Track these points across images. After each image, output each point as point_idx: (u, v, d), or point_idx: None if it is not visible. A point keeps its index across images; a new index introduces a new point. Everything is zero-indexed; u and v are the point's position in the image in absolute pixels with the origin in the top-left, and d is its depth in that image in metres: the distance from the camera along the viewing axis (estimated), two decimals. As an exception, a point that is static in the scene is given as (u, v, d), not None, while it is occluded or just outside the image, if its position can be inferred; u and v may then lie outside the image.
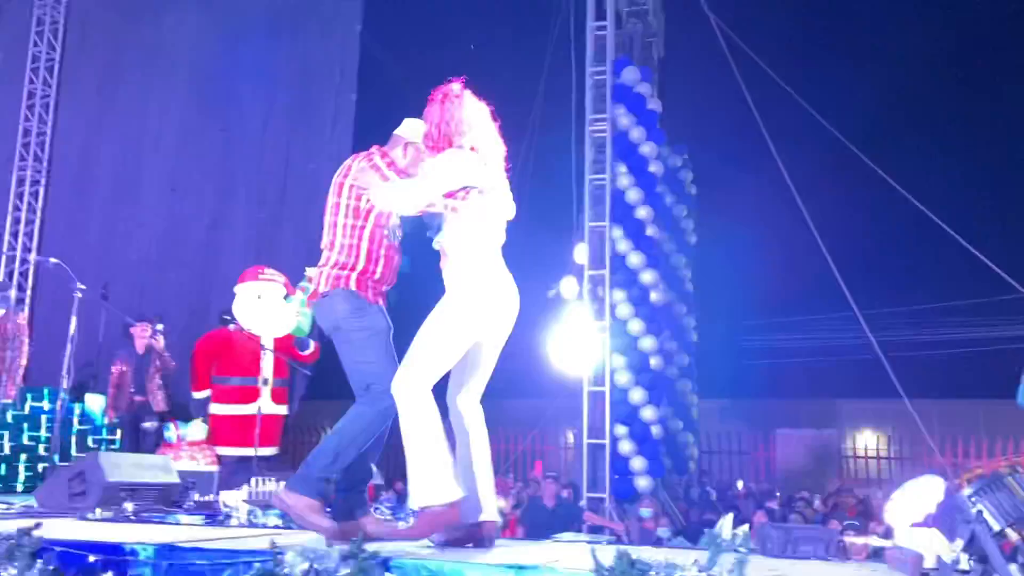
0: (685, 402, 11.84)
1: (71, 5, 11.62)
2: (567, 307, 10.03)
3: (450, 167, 3.13)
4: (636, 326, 9.45)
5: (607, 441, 9.19)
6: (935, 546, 2.33)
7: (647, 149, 9.80)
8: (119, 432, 7.93)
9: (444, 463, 2.97)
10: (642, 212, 9.68)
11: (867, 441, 16.29)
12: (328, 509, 3.23)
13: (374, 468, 3.89)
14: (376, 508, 4.20)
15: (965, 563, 2.26)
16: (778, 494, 11.57)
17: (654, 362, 9.51)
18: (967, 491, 2.17)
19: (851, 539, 2.87)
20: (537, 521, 8.05)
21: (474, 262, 3.14)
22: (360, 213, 3.33)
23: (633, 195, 9.70)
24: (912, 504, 2.73)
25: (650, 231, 9.74)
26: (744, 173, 13.22)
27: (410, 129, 3.48)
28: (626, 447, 9.17)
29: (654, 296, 9.62)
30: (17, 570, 2.54)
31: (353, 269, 3.31)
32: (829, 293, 9.75)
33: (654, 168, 9.84)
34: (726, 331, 16.37)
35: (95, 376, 8.47)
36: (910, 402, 9.32)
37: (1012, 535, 2.13)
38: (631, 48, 11.03)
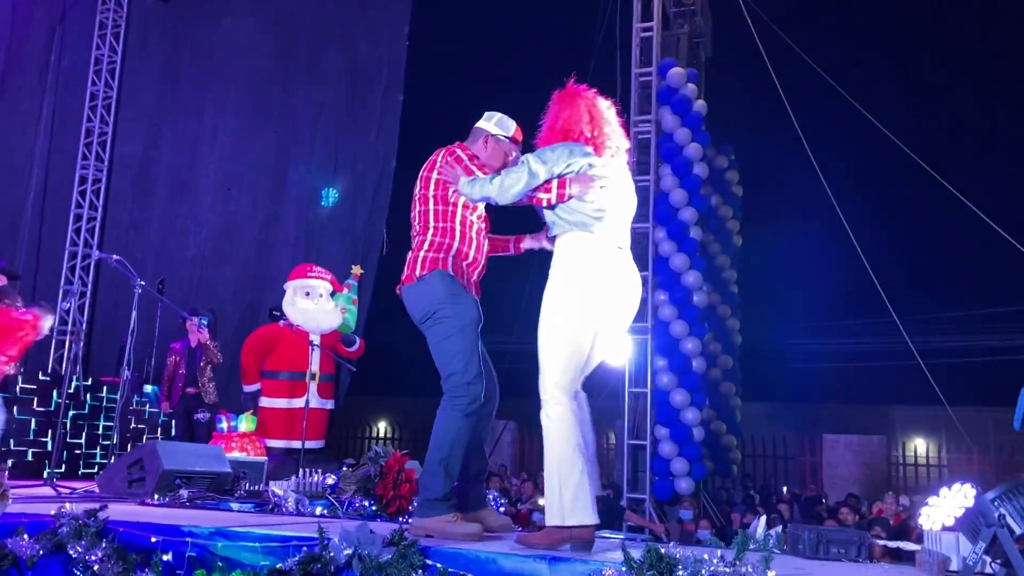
0: (729, 405, 11.78)
1: (132, 10, 12.00)
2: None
3: (536, 162, 3.10)
4: (679, 328, 9.45)
5: (648, 442, 9.22)
6: (961, 549, 2.36)
7: (692, 150, 9.78)
8: (172, 423, 8.20)
9: (579, 483, 2.89)
10: (686, 214, 9.67)
11: (919, 448, 15.96)
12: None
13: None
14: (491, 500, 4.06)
15: (988, 566, 2.29)
16: (824, 499, 11.44)
17: (696, 364, 9.50)
18: (990, 495, 2.20)
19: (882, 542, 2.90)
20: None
21: (576, 255, 3.07)
22: (448, 200, 3.37)
23: (677, 196, 9.70)
24: (944, 509, 2.76)
25: (694, 233, 9.73)
26: (792, 174, 13.08)
27: (490, 122, 3.54)
28: (667, 449, 9.18)
29: (697, 298, 9.61)
30: (84, 547, 2.72)
31: (448, 251, 3.33)
32: (879, 296, 9.63)
33: (699, 170, 9.82)
34: (774, 334, 16.21)
35: (150, 369, 8.77)
36: (966, 409, 9.17)
37: (1035, 539, 2.16)
38: (677, 49, 11.01)
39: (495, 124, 3.52)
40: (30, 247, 11.08)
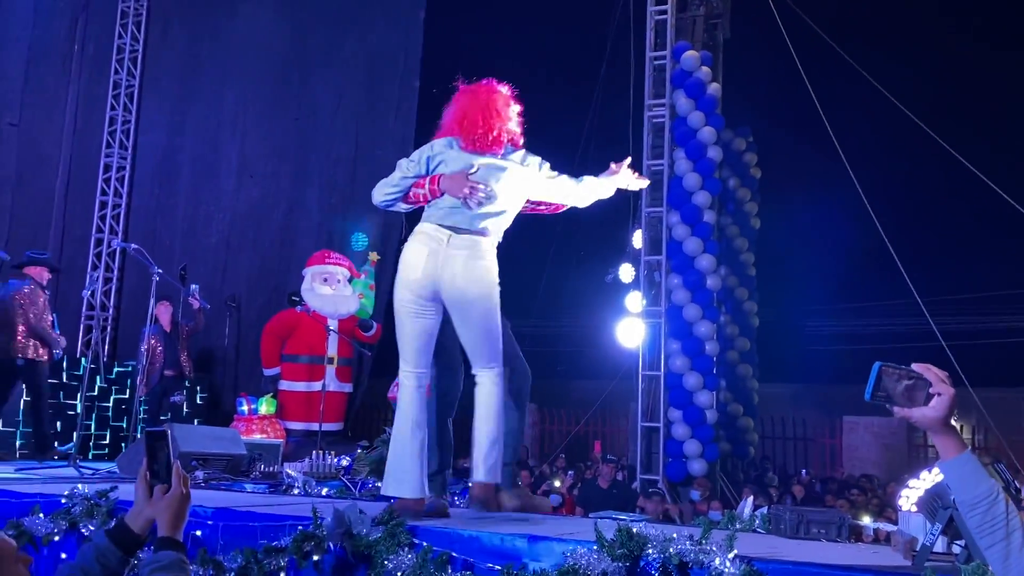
0: (746, 387, 11.82)
1: (153, -1, 12.19)
2: (625, 292, 10.15)
3: (403, 163, 3.38)
4: (692, 311, 9.49)
5: (661, 424, 9.30)
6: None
7: (706, 134, 9.77)
8: (143, 405, 7.90)
9: (413, 458, 3.13)
10: (700, 197, 9.67)
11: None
12: None
13: None
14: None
15: (944, 546, 2.36)
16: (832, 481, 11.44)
17: (709, 347, 9.55)
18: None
19: (862, 522, 2.98)
20: (592, 502, 8.23)
21: (408, 244, 3.37)
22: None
23: (691, 180, 9.70)
24: (920, 491, 2.82)
25: (708, 216, 9.74)
26: (811, 155, 12.98)
27: None
28: (680, 431, 9.26)
29: (710, 281, 9.64)
30: (95, 526, 2.88)
31: None
32: (901, 277, 9.56)
33: (712, 153, 9.81)
34: (793, 315, 16.14)
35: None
36: (993, 391, 9.09)
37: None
38: (693, 31, 10.94)
39: None
40: (60, 234, 11.35)
